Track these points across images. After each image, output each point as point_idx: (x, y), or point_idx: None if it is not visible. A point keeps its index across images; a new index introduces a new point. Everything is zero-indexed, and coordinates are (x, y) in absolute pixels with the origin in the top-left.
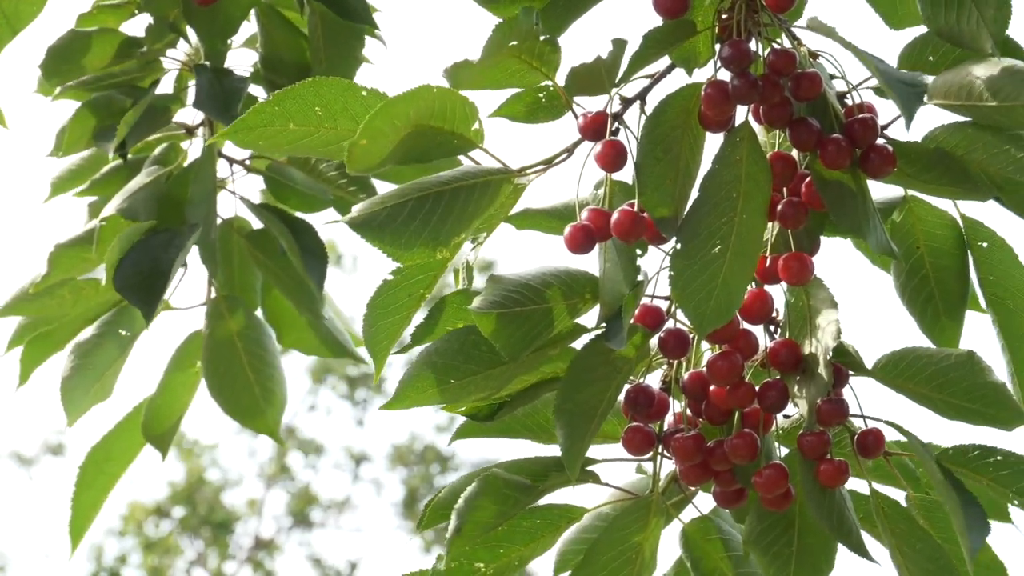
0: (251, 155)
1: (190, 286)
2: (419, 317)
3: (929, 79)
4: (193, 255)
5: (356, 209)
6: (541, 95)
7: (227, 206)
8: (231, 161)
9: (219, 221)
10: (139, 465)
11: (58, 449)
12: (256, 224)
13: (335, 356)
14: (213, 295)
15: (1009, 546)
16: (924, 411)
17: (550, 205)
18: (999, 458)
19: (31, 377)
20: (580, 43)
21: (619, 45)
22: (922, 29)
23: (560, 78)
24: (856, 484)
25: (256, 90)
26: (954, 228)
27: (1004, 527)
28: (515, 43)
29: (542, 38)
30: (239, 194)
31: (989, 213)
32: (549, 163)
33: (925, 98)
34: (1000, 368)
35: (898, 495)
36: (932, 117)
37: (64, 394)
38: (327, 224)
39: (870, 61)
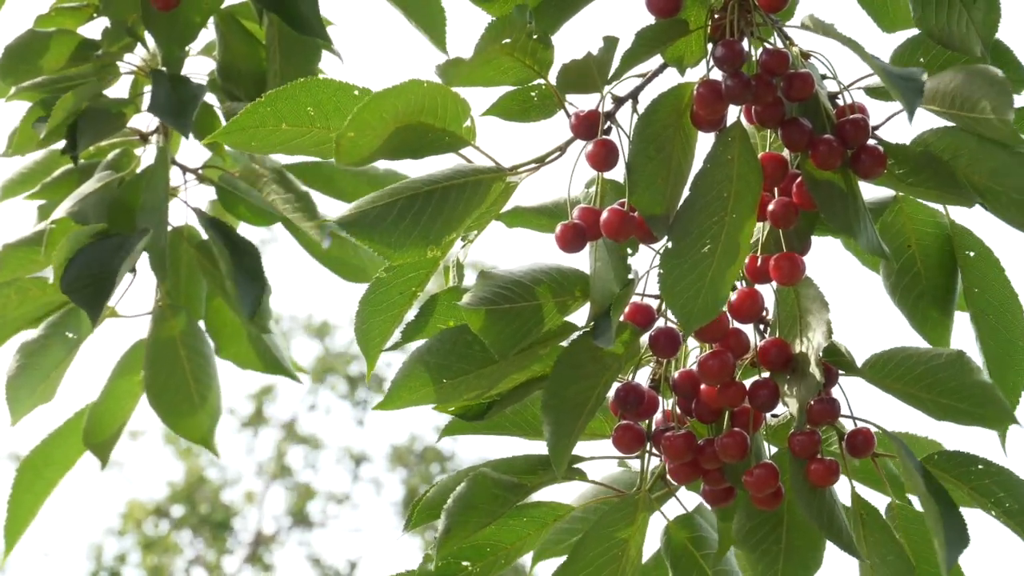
0: (204, 164)
1: (138, 295)
2: (411, 315)
3: (926, 75)
4: (142, 262)
5: (346, 208)
6: (533, 93)
7: (179, 214)
8: (184, 169)
9: (169, 229)
10: (139, 465)
11: None
12: (205, 235)
13: (270, 372)
14: (159, 302)
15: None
16: (914, 413)
17: (541, 203)
18: (980, 467)
19: None
20: (573, 42)
21: (610, 42)
22: (913, 31)
23: (553, 76)
24: (839, 491)
25: (212, 99)
26: (945, 227)
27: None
28: (508, 40)
29: (535, 36)
30: (191, 204)
31: (978, 220)
32: (541, 161)
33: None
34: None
35: (881, 500)
36: (922, 120)
37: (9, 393)
38: (321, 223)
39: (870, 57)
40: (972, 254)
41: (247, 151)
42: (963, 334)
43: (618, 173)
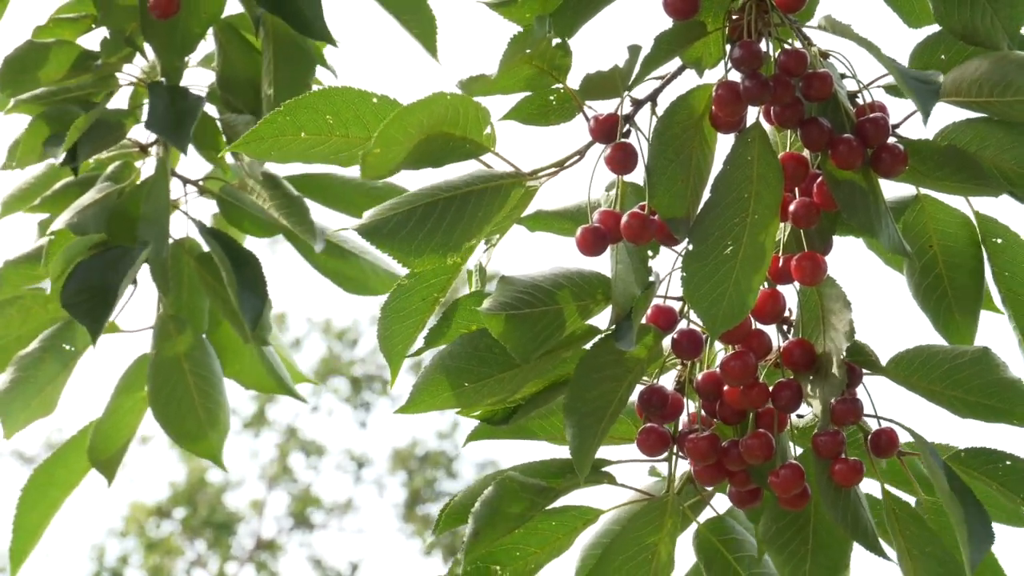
0: (205, 176)
1: (140, 308)
2: (434, 321)
3: (942, 77)
4: (143, 274)
5: (366, 216)
6: (552, 97)
7: (180, 227)
8: (185, 181)
9: (170, 241)
10: (139, 466)
11: None
12: (207, 247)
13: (274, 392)
14: (161, 316)
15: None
16: (938, 411)
17: (562, 207)
18: (1008, 463)
19: None
20: (590, 45)
21: (635, 52)
22: (929, 32)
23: (571, 80)
24: (869, 486)
25: (212, 110)
26: (967, 226)
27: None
28: (529, 51)
29: (555, 43)
30: (191, 215)
31: (1003, 210)
32: (560, 165)
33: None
34: (1016, 365)
35: (910, 497)
36: (944, 115)
37: (2, 407)
38: (336, 232)
39: (886, 58)
40: (999, 240)
41: (267, 160)
42: (987, 339)
43: (638, 176)
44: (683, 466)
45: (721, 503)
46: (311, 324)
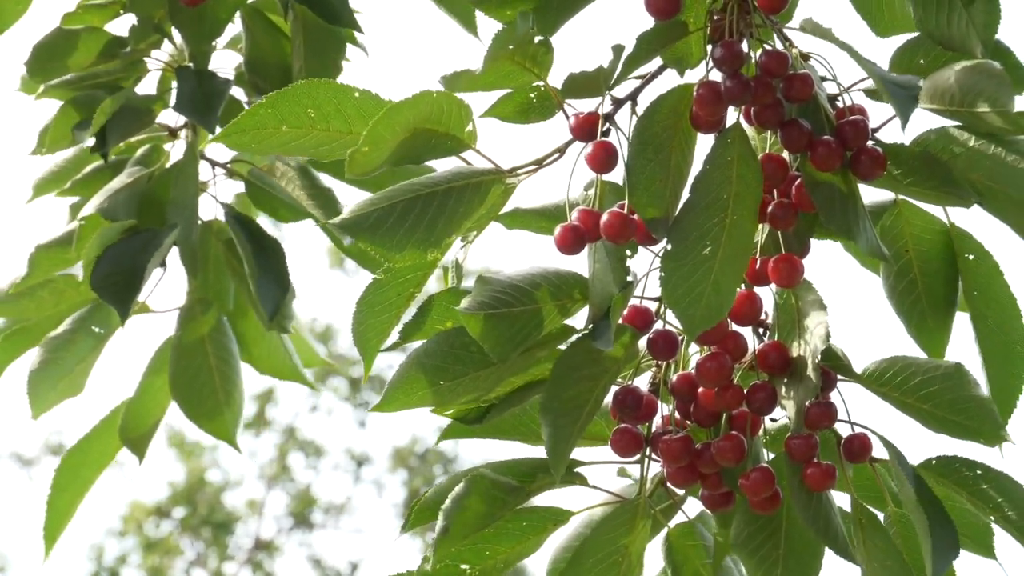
0: (232, 159)
1: (171, 289)
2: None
3: (922, 82)
4: (173, 257)
5: (347, 211)
6: (532, 95)
7: (208, 209)
8: (213, 164)
9: (199, 223)
10: (136, 467)
11: (58, 449)
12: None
13: (288, 378)
14: (189, 296)
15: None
16: (911, 421)
17: (540, 205)
18: (979, 472)
19: (7, 373)
20: (571, 42)
21: (618, 52)
22: (911, 34)
23: (552, 78)
24: (840, 498)
25: (239, 92)
26: (943, 233)
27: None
28: (512, 47)
29: (536, 40)
30: (219, 199)
31: (978, 222)
32: (540, 163)
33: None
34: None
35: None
36: (924, 121)
37: (31, 387)
38: (315, 227)
39: (866, 62)
40: (972, 257)
41: (248, 152)
42: (961, 345)
43: (617, 175)
44: (655, 468)
45: (692, 507)
46: (313, 326)
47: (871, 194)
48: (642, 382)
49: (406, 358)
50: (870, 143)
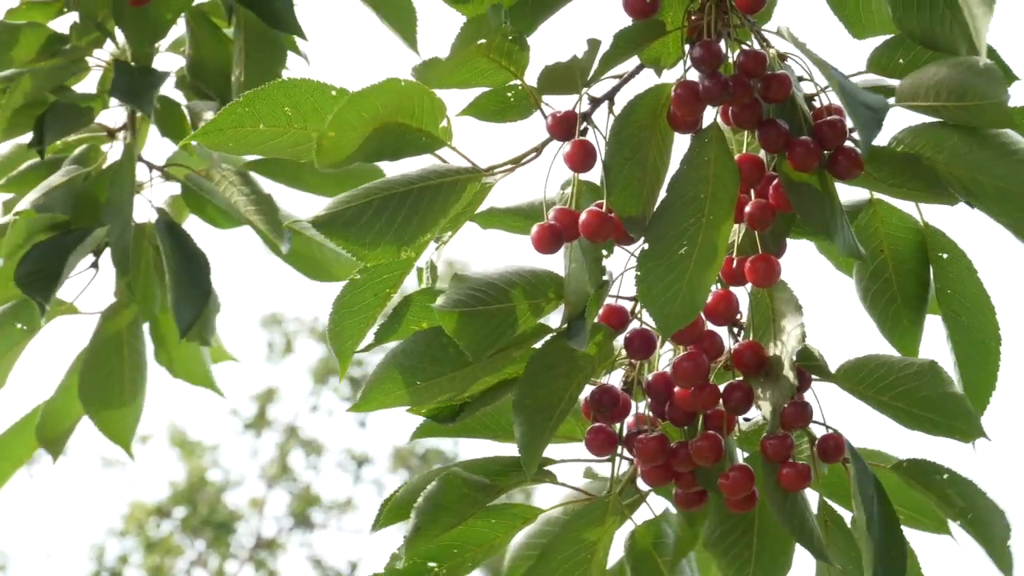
0: (168, 162)
1: (102, 293)
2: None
3: (892, 100)
4: (107, 259)
5: (321, 208)
6: (509, 94)
7: (143, 211)
8: (150, 166)
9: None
10: (139, 465)
11: None
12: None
13: (198, 384)
14: (115, 295)
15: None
16: (887, 419)
17: (516, 204)
18: (945, 476)
19: None
20: (549, 43)
21: (594, 45)
22: (886, 38)
23: (529, 77)
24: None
25: (179, 96)
26: (918, 232)
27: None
28: (483, 41)
29: (511, 37)
30: (155, 203)
31: (952, 222)
32: (517, 162)
33: (891, 102)
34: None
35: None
36: (902, 118)
37: None
38: (288, 226)
39: (834, 79)
40: (945, 256)
41: (225, 152)
42: (933, 344)
43: (594, 175)
44: (624, 466)
45: (656, 502)
46: (300, 323)
47: (846, 194)
48: (614, 380)
49: (383, 358)
50: (848, 143)
